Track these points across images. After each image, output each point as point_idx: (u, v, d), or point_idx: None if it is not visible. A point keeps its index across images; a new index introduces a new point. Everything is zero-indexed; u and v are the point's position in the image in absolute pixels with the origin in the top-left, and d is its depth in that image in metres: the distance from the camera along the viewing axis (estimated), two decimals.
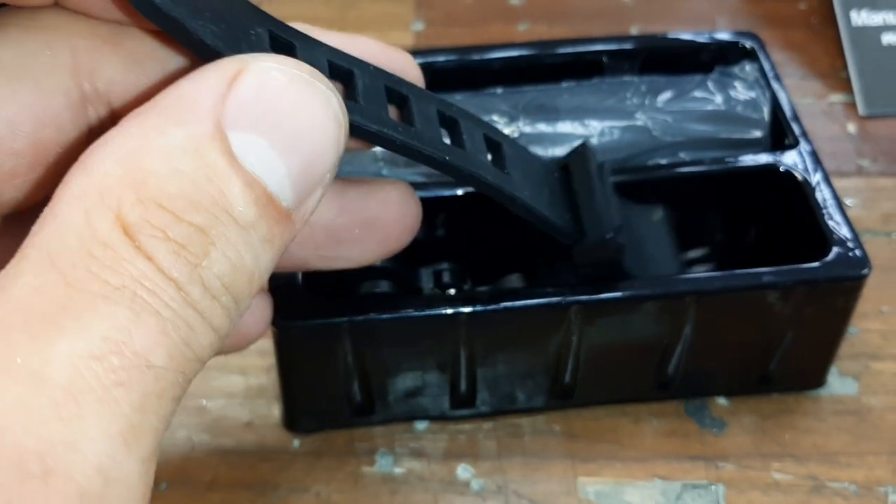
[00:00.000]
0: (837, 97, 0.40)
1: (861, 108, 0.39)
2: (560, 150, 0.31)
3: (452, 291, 0.29)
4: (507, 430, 0.30)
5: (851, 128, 0.39)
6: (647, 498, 0.28)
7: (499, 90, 0.33)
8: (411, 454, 0.30)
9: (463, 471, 0.29)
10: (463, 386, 0.29)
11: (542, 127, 0.31)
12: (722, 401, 0.31)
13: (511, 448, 0.30)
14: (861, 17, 0.42)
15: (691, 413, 0.30)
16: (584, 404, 0.30)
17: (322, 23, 0.44)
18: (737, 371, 0.30)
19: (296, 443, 0.30)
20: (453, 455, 0.30)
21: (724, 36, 0.34)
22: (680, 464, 0.29)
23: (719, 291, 0.27)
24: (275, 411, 0.30)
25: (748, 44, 0.33)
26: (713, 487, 0.29)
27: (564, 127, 0.31)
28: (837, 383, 0.31)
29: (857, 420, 0.30)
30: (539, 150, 0.31)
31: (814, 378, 0.30)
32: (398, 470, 0.29)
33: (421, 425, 0.30)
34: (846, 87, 0.40)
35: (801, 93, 0.40)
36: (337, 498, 0.29)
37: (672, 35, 0.34)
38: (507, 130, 0.31)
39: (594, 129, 0.31)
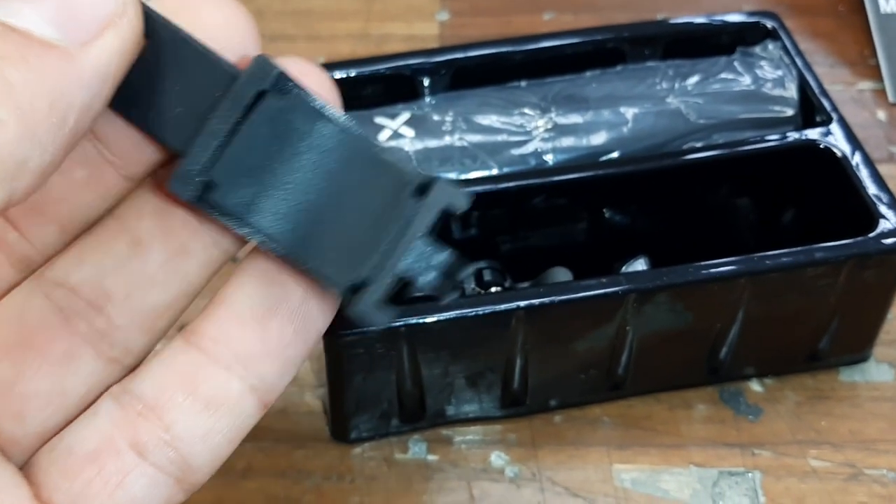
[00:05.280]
0: (867, 84, 0.40)
1: (891, 95, 0.39)
2: (596, 140, 0.31)
3: (494, 289, 0.29)
4: (540, 418, 0.30)
5: (881, 115, 0.39)
6: (684, 485, 0.28)
7: (523, 83, 0.33)
8: (445, 441, 0.30)
9: (497, 458, 0.29)
10: (516, 384, 0.28)
11: (575, 117, 0.31)
12: (757, 387, 0.30)
13: (545, 435, 0.30)
14: (890, 5, 0.41)
15: (726, 399, 0.30)
16: (635, 394, 0.30)
17: (347, 15, 0.44)
18: (787, 350, 0.30)
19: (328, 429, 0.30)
20: (487, 442, 0.30)
21: (743, 17, 0.34)
22: (716, 450, 0.29)
23: (773, 270, 0.27)
24: (308, 399, 0.30)
25: (769, 23, 0.34)
26: (749, 475, 0.29)
27: (597, 116, 0.31)
28: (874, 370, 0.31)
29: (894, 406, 0.30)
30: (574, 141, 0.31)
31: (860, 352, 0.31)
32: (431, 457, 0.29)
33: None
34: (875, 74, 0.40)
35: (830, 80, 0.40)
36: (371, 485, 0.29)
37: (692, 19, 0.34)
38: (539, 122, 0.31)
39: (627, 116, 0.31)
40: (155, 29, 0.17)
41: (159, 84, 0.18)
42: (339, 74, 0.32)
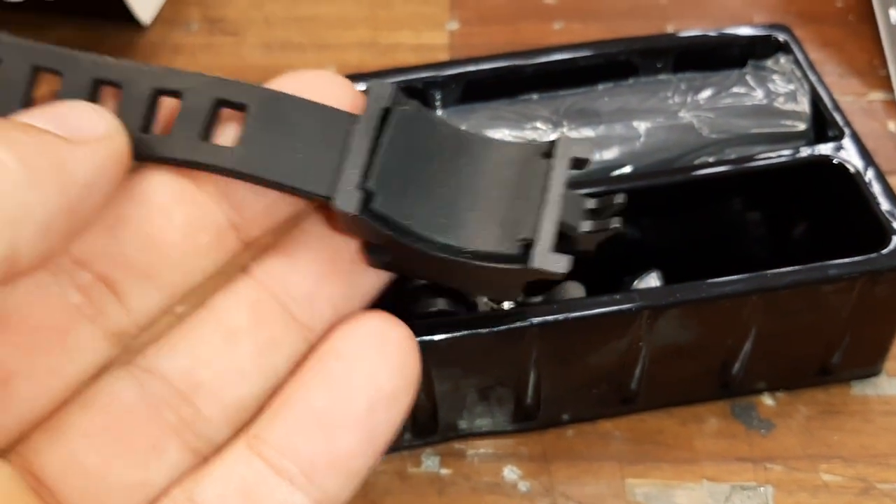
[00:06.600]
0: (877, 95, 0.40)
1: None
2: (608, 154, 0.31)
3: (507, 305, 0.29)
4: (552, 432, 0.30)
5: (892, 126, 0.39)
6: (696, 500, 0.28)
7: (535, 96, 0.33)
8: (458, 455, 0.30)
9: (510, 472, 0.29)
10: (528, 398, 0.29)
11: (587, 131, 0.31)
12: (769, 401, 0.31)
13: (558, 449, 0.30)
14: None
15: (738, 414, 0.30)
16: (647, 408, 0.30)
17: (355, 23, 0.44)
18: (799, 364, 0.30)
19: None
20: (500, 456, 0.30)
21: (755, 30, 0.34)
22: (728, 465, 0.29)
23: (786, 287, 0.27)
24: None
25: (781, 36, 0.33)
26: (762, 489, 0.29)
27: (610, 130, 0.31)
28: (885, 384, 0.31)
29: None
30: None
31: (872, 366, 0.31)
32: (444, 471, 0.29)
33: None
34: (886, 84, 0.40)
35: (840, 91, 0.40)
36: (384, 499, 0.29)
37: (704, 31, 0.34)
38: (552, 137, 0.31)
39: (640, 130, 0.31)
40: (272, 103, 0.19)
41: (288, 144, 0.19)
42: None
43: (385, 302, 0.24)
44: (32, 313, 0.18)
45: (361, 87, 0.32)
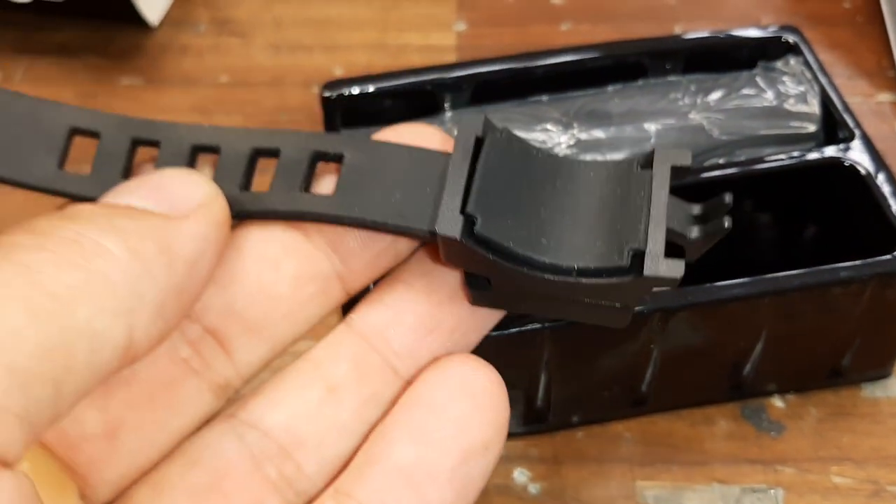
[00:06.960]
0: (885, 96, 0.40)
1: None
2: (619, 156, 0.31)
3: None
4: (562, 434, 0.30)
5: None
6: (707, 502, 0.28)
7: (545, 97, 0.33)
8: None
9: (520, 474, 0.29)
10: (539, 401, 0.29)
11: (598, 133, 0.31)
12: (779, 403, 0.30)
13: (568, 452, 0.30)
14: None
15: (748, 416, 0.30)
16: (658, 410, 0.30)
17: (364, 24, 0.44)
18: (809, 366, 0.30)
19: None
20: (510, 458, 0.30)
21: (765, 32, 0.34)
22: (738, 467, 0.29)
23: (797, 290, 0.27)
24: None
25: (791, 38, 0.33)
26: (772, 491, 0.29)
27: (620, 131, 0.31)
28: (895, 386, 0.31)
29: None
30: (599, 157, 0.31)
31: (882, 368, 0.31)
32: None
33: None
34: (894, 86, 0.40)
35: (848, 92, 0.40)
36: None
37: (713, 33, 0.34)
38: (562, 138, 0.31)
39: (650, 132, 0.31)
40: (367, 150, 0.19)
41: (386, 186, 0.19)
42: (356, 90, 0.32)
43: None
44: (143, 367, 0.18)
45: (370, 88, 0.33)
